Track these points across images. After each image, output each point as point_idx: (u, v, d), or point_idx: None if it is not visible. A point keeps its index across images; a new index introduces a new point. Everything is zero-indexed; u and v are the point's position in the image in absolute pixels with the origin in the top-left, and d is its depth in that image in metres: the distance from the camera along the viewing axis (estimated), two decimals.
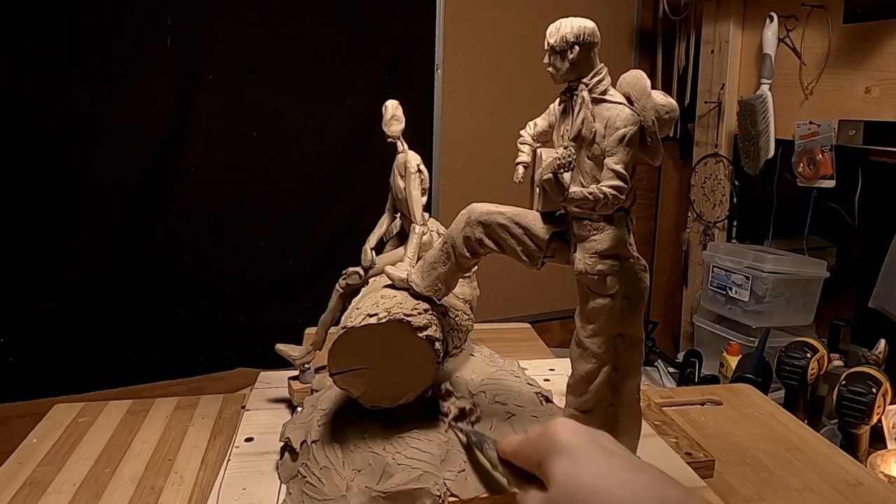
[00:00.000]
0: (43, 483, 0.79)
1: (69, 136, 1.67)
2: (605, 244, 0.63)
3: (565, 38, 0.61)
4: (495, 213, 0.66)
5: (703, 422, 0.99)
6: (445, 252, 0.69)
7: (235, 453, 0.79)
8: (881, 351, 1.51)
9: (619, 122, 0.60)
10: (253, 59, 1.87)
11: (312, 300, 1.04)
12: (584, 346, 0.66)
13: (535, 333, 1.30)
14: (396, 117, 0.85)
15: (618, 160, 0.59)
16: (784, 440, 0.95)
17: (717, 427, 0.98)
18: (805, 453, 0.91)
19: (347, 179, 2.04)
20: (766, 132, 2.00)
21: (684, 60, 2.40)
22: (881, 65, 1.75)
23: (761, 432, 0.97)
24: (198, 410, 0.98)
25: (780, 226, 2.24)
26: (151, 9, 1.72)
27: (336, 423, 0.72)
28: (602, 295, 0.64)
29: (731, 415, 1.02)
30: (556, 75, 0.63)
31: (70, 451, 0.86)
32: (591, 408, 0.68)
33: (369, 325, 0.65)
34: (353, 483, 0.63)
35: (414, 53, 2.12)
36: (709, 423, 0.99)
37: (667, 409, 0.99)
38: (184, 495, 0.77)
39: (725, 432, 0.96)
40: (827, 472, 0.87)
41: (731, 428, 0.98)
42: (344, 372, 0.68)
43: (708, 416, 1.01)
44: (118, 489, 0.78)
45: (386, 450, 0.66)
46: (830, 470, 0.87)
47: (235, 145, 1.88)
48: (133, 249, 1.79)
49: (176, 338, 1.88)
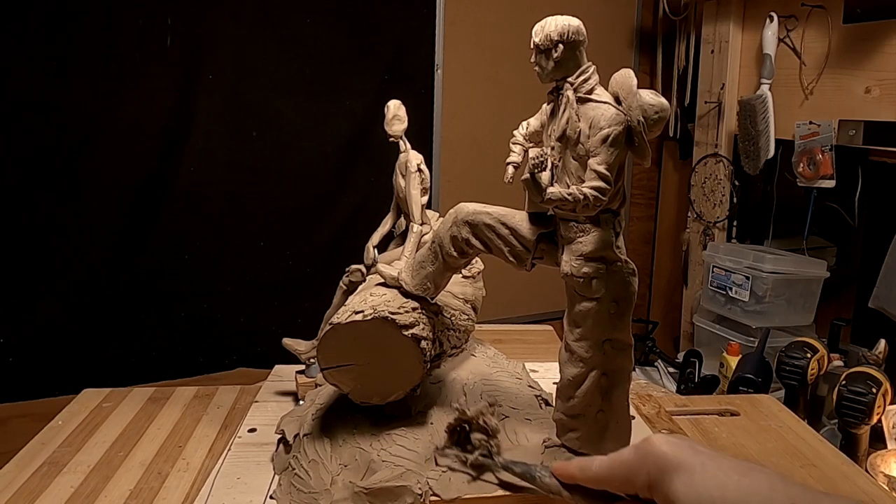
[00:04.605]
0: (60, 463, 0.83)
1: (69, 136, 1.68)
2: (590, 246, 0.62)
3: (549, 37, 0.60)
4: (482, 213, 0.67)
5: (717, 433, 0.96)
6: (433, 251, 0.70)
7: (237, 443, 0.82)
8: (881, 351, 1.51)
9: (604, 122, 0.59)
10: (253, 59, 1.87)
11: (312, 300, 1.04)
12: (572, 350, 0.66)
13: (556, 335, 1.28)
14: (398, 117, 0.86)
15: (601, 161, 0.59)
16: (800, 455, 0.90)
17: (730, 438, 0.94)
18: (821, 469, 0.87)
19: (347, 179, 2.05)
20: (766, 132, 1.99)
21: (684, 60, 2.40)
22: (881, 65, 1.74)
23: (776, 446, 0.93)
24: (214, 400, 1.01)
25: (780, 226, 2.23)
26: (151, 9, 1.72)
27: (327, 418, 0.73)
28: (588, 298, 0.64)
29: (747, 426, 0.98)
30: (542, 74, 0.63)
31: (90, 434, 0.90)
32: (580, 412, 0.67)
33: (354, 322, 0.66)
34: (339, 478, 0.64)
35: (414, 53, 2.12)
36: (722, 434, 0.96)
37: (679, 419, 0.96)
38: (187, 481, 0.79)
39: (738, 444, 0.93)
40: (841, 490, 0.82)
41: (746, 440, 0.94)
42: (333, 367, 0.69)
43: (722, 426, 0.98)
44: (127, 472, 0.81)
45: (372, 446, 0.67)
46: (845, 489, 0.83)
47: (235, 145, 1.88)
48: (133, 249, 1.79)
49: (176, 338, 1.88)
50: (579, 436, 0.68)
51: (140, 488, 0.77)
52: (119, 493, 0.76)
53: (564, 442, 0.69)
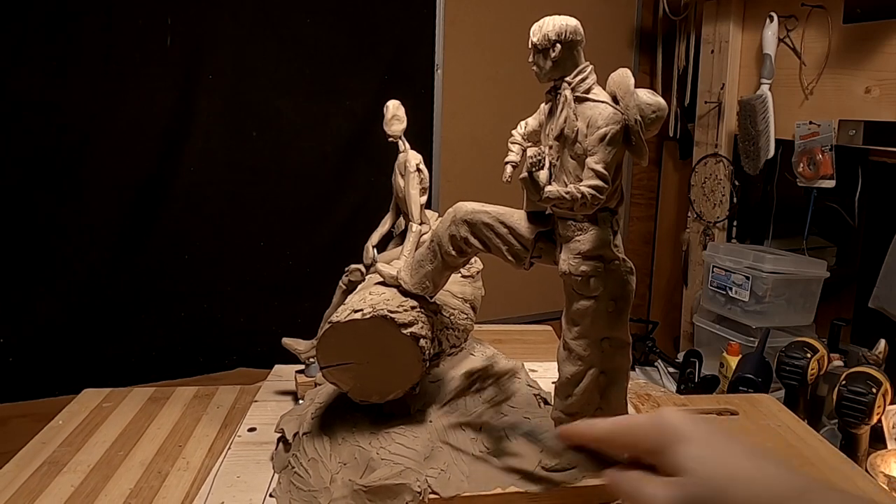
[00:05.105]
0: (60, 463, 0.83)
1: (69, 136, 1.68)
2: (588, 245, 0.62)
3: (547, 36, 0.61)
4: (480, 212, 0.67)
5: None
6: (432, 250, 0.70)
7: (237, 442, 0.82)
8: (881, 351, 1.51)
9: (601, 121, 0.59)
10: (253, 59, 1.87)
11: (312, 300, 1.04)
12: (570, 349, 0.66)
13: (555, 335, 1.28)
14: (398, 117, 0.86)
15: (598, 159, 0.59)
16: (800, 455, 0.90)
17: None
18: (820, 469, 0.86)
19: (347, 179, 2.05)
20: (766, 132, 1.99)
21: (684, 60, 2.40)
22: (881, 65, 1.74)
23: (776, 446, 0.93)
24: (214, 400, 1.01)
25: (780, 226, 2.23)
26: (151, 9, 1.72)
27: (327, 417, 0.73)
28: (586, 296, 0.64)
29: (746, 426, 0.98)
30: (540, 73, 0.63)
31: (91, 433, 0.91)
32: (578, 411, 0.67)
33: (353, 321, 0.66)
34: (338, 476, 0.64)
35: (414, 53, 2.12)
36: None
37: None
38: (187, 481, 0.79)
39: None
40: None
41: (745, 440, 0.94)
42: (332, 366, 0.69)
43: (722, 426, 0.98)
44: (128, 472, 0.81)
45: (371, 444, 0.67)
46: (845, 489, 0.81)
47: (235, 145, 1.88)
48: (133, 249, 1.80)
49: (176, 338, 1.88)
50: None
51: (140, 487, 0.78)
52: (119, 493, 0.77)
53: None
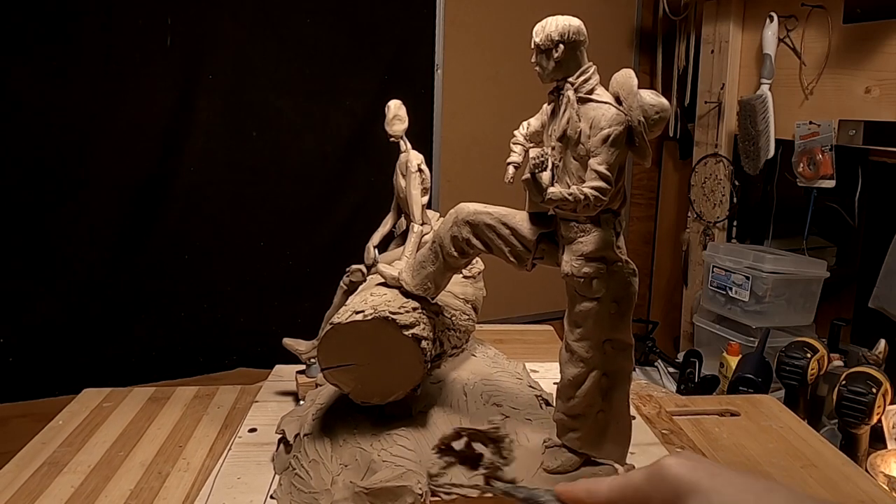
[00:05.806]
0: (61, 463, 0.83)
1: (69, 136, 1.68)
2: (591, 246, 0.62)
3: (550, 37, 0.60)
4: (483, 213, 0.67)
5: (717, 433, 0.96)
6: (434, 251, 0.69)
7: (237, 443, 0.82)
8: (881, 351, 1.51)
9: (604, 122, 0.59)
10: (253, 59, 1.87)
11: (312, 300, 1.04)
12: (572, 350, 0.66)
13: (556, 336, 1.28)
14: (399, 117, 0.86)
15: (601, 161, 0.59)
16: (801, 455, 0.90)
17: (731, 439, 0.94)
18: (821, 470, 0.86)
19: (347, 179, 2.05)
20: (766, 132, 1.99)
21: (684, 60, 2.40)
22: (881, 65, 1.74)
23: (777, 446, 0.93)
24: (214, 400, 1.01)
25: (780, 226, 2.23)
26: (151, 9, 1.72)
27: (328, 418, 0.73)
28: (589, 298, 0.63)
29: (748, 426, 0.98)
30: (543, 74, 0.63)
31: (91, 434, 0.91)
32: (580, 412, 0.67)
33: (355, 322, 0.66)
34: (339, 478, 0.64)
35: (414, 53, 2.12)
36: (723, 435, 0.95)
37: (679, 419, 0.96)
38: (187, 481, 0.79)
39: (739, 444, 0.93)
40: (842, 491, 0.82)
41: (746, 440, 0.94)
42: (333, 367, 0.69)
43: (723, 426, 0.98)
44: (128, 472, 0.81)
45: (373, 446, 0.67)
46: (846, 489, 0.82)
47: (235, 145, 1.88)
48: (133, 249, 1.79)
49: (176, 338, 1.88)
50: (580, 436, 0.68)
51: (140, 488, 0.78)
52: (119, 493, 0.76)
53: (565, 442, 0.69)
